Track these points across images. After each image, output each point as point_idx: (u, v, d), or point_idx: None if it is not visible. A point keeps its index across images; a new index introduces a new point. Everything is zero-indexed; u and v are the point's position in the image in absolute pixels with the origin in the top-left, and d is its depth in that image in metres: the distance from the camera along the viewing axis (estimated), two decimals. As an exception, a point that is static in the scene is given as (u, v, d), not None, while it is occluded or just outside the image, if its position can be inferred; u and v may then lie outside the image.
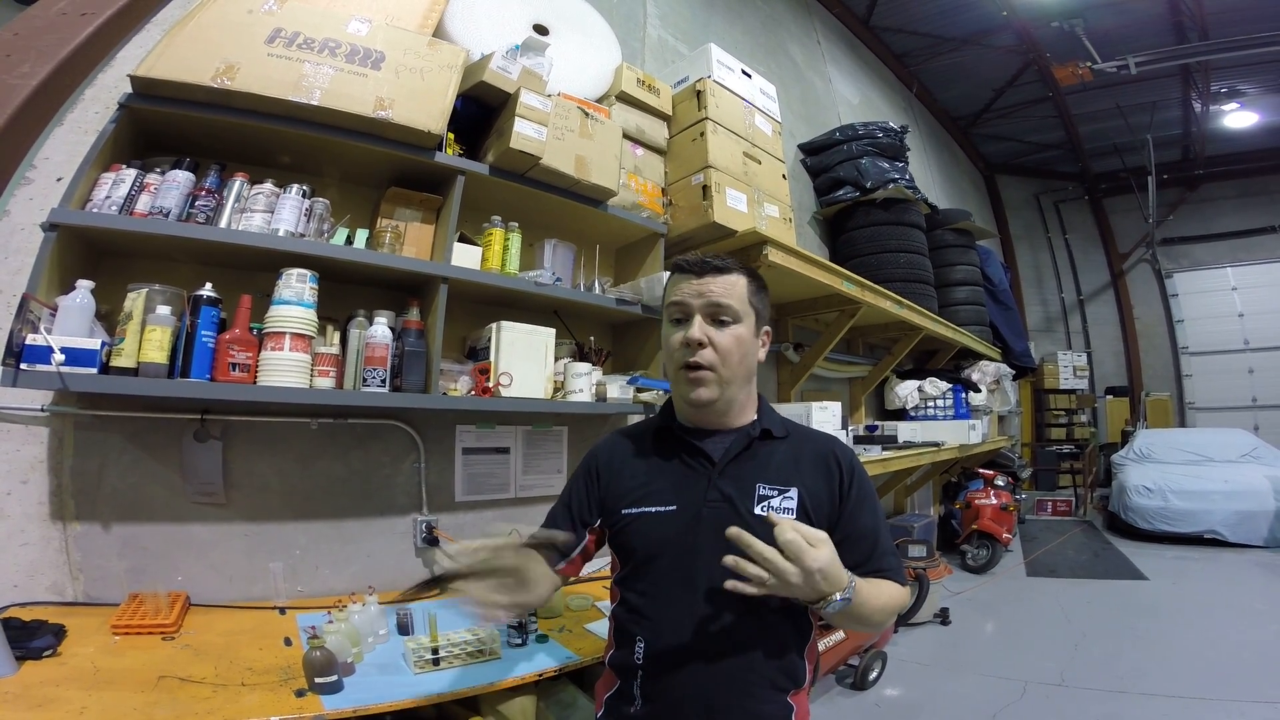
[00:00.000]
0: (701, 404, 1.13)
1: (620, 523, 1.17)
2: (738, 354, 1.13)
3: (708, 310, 1.12)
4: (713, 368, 1.11)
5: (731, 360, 1.12)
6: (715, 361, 1.11)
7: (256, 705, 1.29)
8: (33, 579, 1.66)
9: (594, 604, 2.08)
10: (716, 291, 1.12)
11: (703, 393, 1.12)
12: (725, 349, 1.12)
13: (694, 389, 1.12)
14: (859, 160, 4.76)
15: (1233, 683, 3.10)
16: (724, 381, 1.12)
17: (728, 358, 1.12)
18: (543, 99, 2.18)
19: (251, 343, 1.67)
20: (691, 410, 1.17)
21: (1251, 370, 9.72)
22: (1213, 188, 10.18)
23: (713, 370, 1.11)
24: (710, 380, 1.11)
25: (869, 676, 3.17)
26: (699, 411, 1.16)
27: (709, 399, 1.12)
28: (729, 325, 1.13)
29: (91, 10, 1.80)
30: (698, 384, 1.12)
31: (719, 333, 1.12)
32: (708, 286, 1.13)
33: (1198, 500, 6.23)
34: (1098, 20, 6.95)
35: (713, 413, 1.17)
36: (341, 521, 2.14)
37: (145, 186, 1.66)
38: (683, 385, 1.13)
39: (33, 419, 1.69)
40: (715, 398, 1.13)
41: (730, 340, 1.12)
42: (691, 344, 1.11)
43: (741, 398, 1.18)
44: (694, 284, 1.14)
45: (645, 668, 1.10)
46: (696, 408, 1.15)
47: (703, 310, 1.12)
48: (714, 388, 1.12)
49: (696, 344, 1.10)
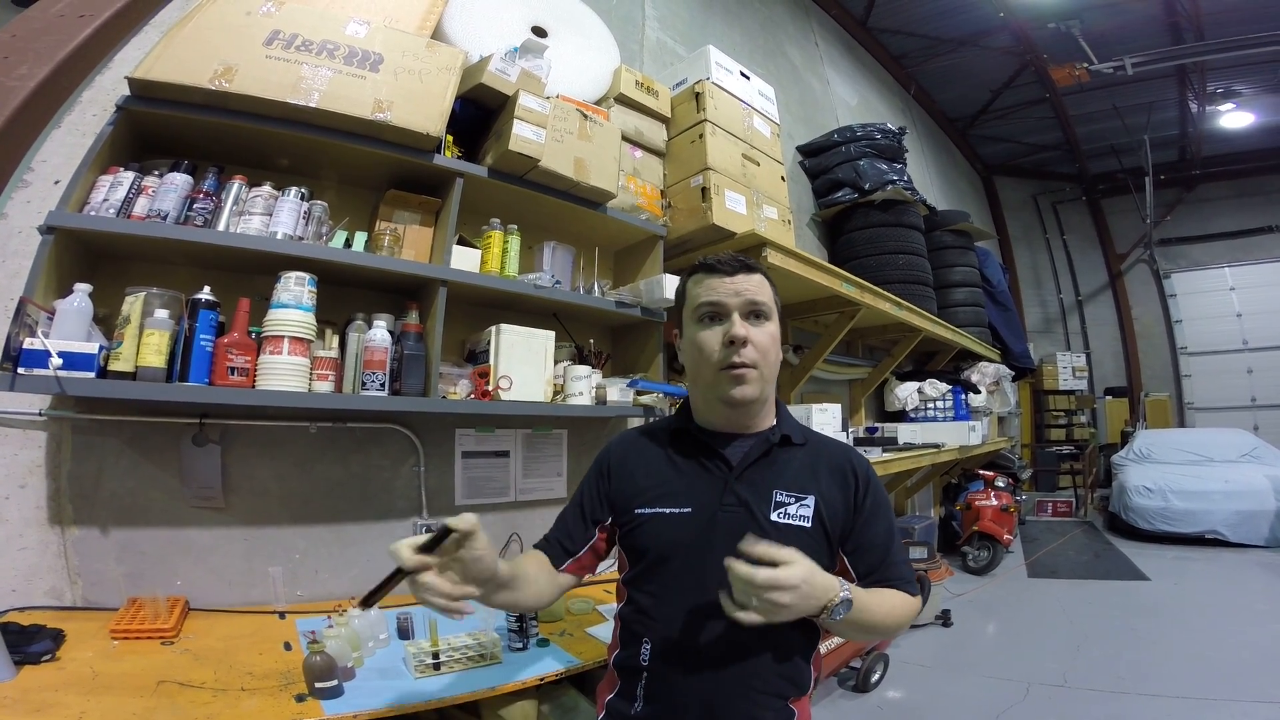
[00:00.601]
0: (746, 402, 1.12)
1: (633, 522, 1.16)
2: (774, 351, 1.14)
3: (746, 308, 1.11)
4: (755, 365, 1.10)
5: (771, 357, 1.13)
6: (758, 359, 1.10)
7: (256, 710, 1.28)
8: (31, 583, 1.65)
9: (595, 608, 2.07)
10: (752, 289, 1.12)
11: (748, 390, 1.10)
12: (764, 346, 1.11)
13: (738, 387, 1.10)
14: (857, 162, 4.76)
15: (1235, 683, 3.09)
16: (765, 379, 1.12)
17: (767, 354, 1.12)
18: (541, 101, 2.17)
19: (250, 346, 1.66)
20: (726, 410, 1.15)
21: (1250, 370, 9.73)
22: (1210, 188, 10.21)
23: (755, 368, 1.10)
24: (754, 378, 1.10)
25: (871, 679, 3.16)
26: (733, 412, 1.15)
27: (753, 396, 1.11)
28: (765, 323, 1.13)
29: (89, 12, 1.80)
30: (741, 382, 1.10)
31: (757, 330, 1.11)
32: (742, 284, 1.12)
33: (1198, 500, 6.23)
34: (1094, 21, 6.98)
35: (746, 413, 1.15)
36: (341, 525, 2.13)
37: (143, 189, 1.65)
38: (724, 385, 1.11)
39: (30, 423, 1.68)
40: (758, 395, 1.12)
41: (768, 338, 1.12)
42: (738, 341, 1.09)
43: (769, 398, 1.18)
44: (729, 283, 1.12)
45: (650, 669, 1.09)
46: (737, 407, 1.13)
47: (741, 308, 1.11)
48: (757, 385, 1.11)
49: (743, 341, 1.09)
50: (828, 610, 0.95)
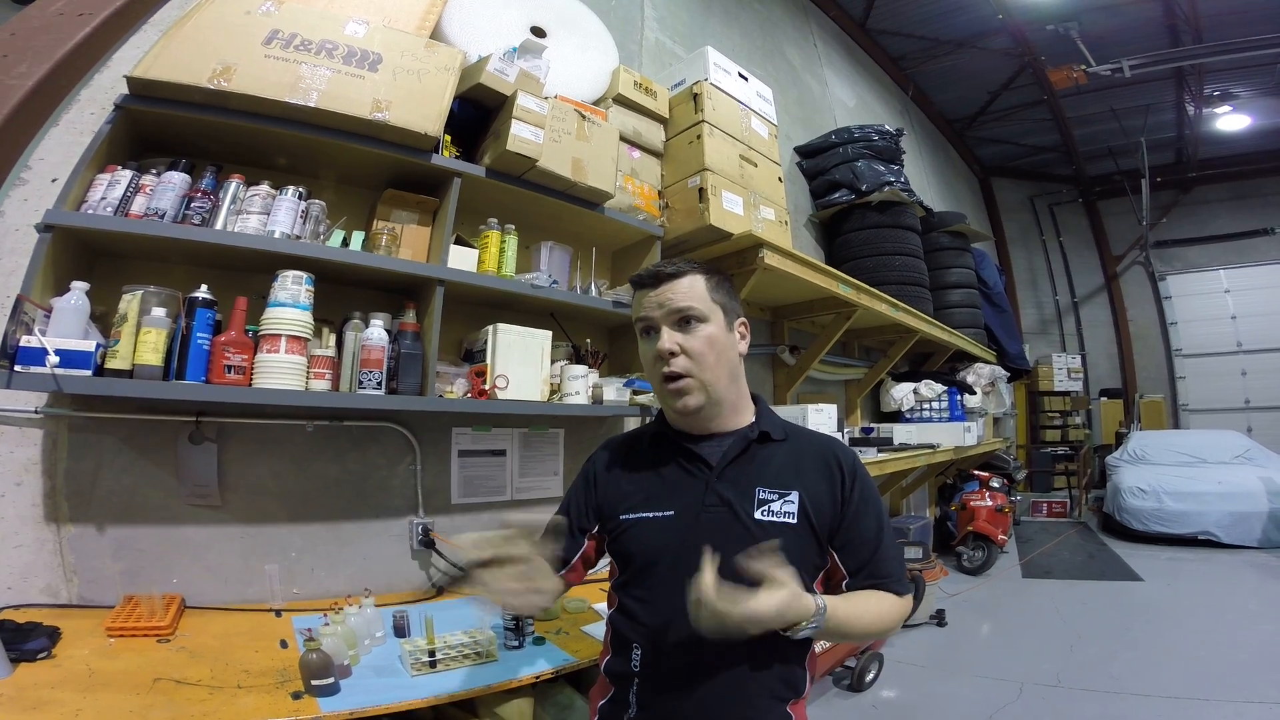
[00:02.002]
0: (689, 412, 1.13)
1: (618, 529, 1.16)
2: (712, 354, 1.12)
3: (671, 318, 1.12)
4: (690, 374, 1.10)
5: (707, 361, 1.11)
6: (691, 367, 1.10)
7: (252, 708, 1.28)
8: (27, 581, 1.65)
9: (591, 606, 2.08)
10: (675, 297, 1.12)
11: (688, 401, 1.11)
12: (698, 352, 1.11)
13: (678, 399, 1.11)
14: (855, 163, 4.77)
15: (1227, 683, 3.11)
16: (706, 384, 1.12)
17: (703, 360, 1.11)
18: (540, 101, 2.18)
19: (247, 345, 1.66)
20: (682, 419, 1.17)
21: (1244, 372, 9.76)
22: (1206, 190, 10.23)
23: (691, 376, 1.10)
24: (692, 387, 1.11)
25: (866, 678, 3.17)
26: (690, 418, 1.16)
27: (695, 406, 1.12)
28: (697, 327, 1.12)
29: (88, 11, 1.80)
30: (680, 394, 1.11)
31: (688, 337, 1.11)
32: (665, 295, 1.12)
33: (1192, 501, 6.27)
34: (1093, 23, 6.99)
35: (703, 417, 1.16)
36: (337, 524, 2.13)
37: (141, 188, 1.66)
38: (666, 398, 1.13)
39: (27, 421, 1.69)
40: (701, 403, 1.12)
41: (701, 342, 1.11)
42: (664, 355, 1.10)
43: (731, 397, 1.17)
44: (652, 295, 1.13)
45: (642, 675, 1.09)
46: (684, 416, 1.15)
47: (666, 319, 1.12)
48: (698, 394, 1.11)
49: (669, 354, 1.10)
50: (794, 629, 0.96)
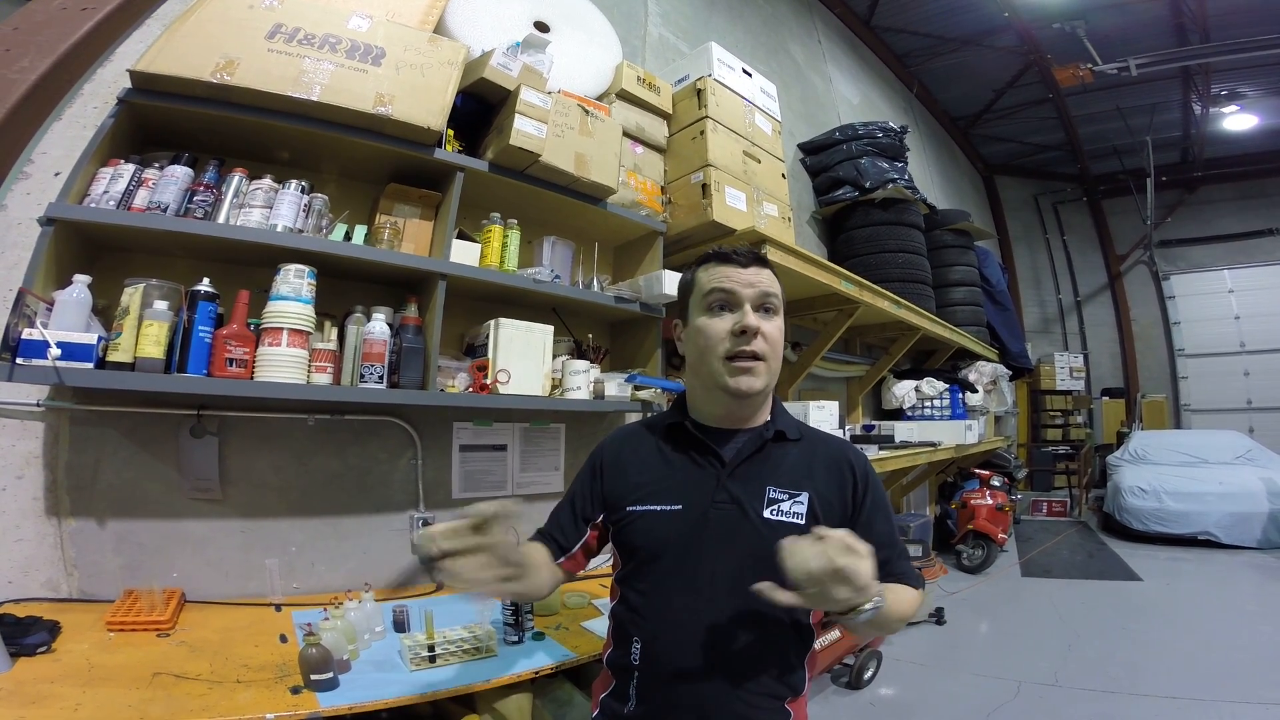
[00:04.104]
0: (750, 393, 1.10)
1: (624, 519, 1.15)
2: (782, 345, 1.14)
3: (759, 300, 1.11)
4: (764, 357, 1.10)
5: (778, 350, 1.13)
6: (767, 351, 1.10)
7: (252, 702, 1.29)
8: (27, 575, 1.66)
9: (591, 602, 2.08)
10: (765, 281, 1.12)
11: (754, 382, 1.09)
12: (774, 339, 1.11)
13: (742, 377, 1.08)
14: (858, 160, 4.76)
15: (1225, 683, 3.11)
16: (771, 372, 1.12)
17: (776, 347, 1.12)
18: (543, 96, 2.17)
19: (249, 338, 1.66)
20: (728, 401, 1.13)
21: (1247, 373, 9.74)
22: (1211, 190, 10.19)
23: (764, 360, 1.10)
24: (761, 370, 1.10)
25: (864, 676, 3.18)
26: (734, 404, 1.13)
27: (759, 388, 1.10)
28: (774, 317, 1.13)
29: (91, 5, 1.79)
30: (747, 373, 1.09)
31: (767, 323, 1.11)
32: (756, 276, 1.12)
33: (1192, 502, 6.25)
34: (1099, 22, 6.95)
35: (747, 405, 1.15)
36: (338, 518, 2.14)
37: (143, 181, 1.66)
38: (726, 375, 1.09)
39: (28, 414, 1.69)
40: (764, 387, 1.11)
41: (777, 331, 1.12)
42: (750, 331, 1.08)
43: (768, 393, 1.18)
44: (744, 274, 1.11)
45: (641, 668, 1.08)
46: (741, 398, 1.11)
47: (754, 300, 1.10)
48: (763, 377, 1.10)
49: (755, 332, 1.08)
50: (856, 610, 0.89)
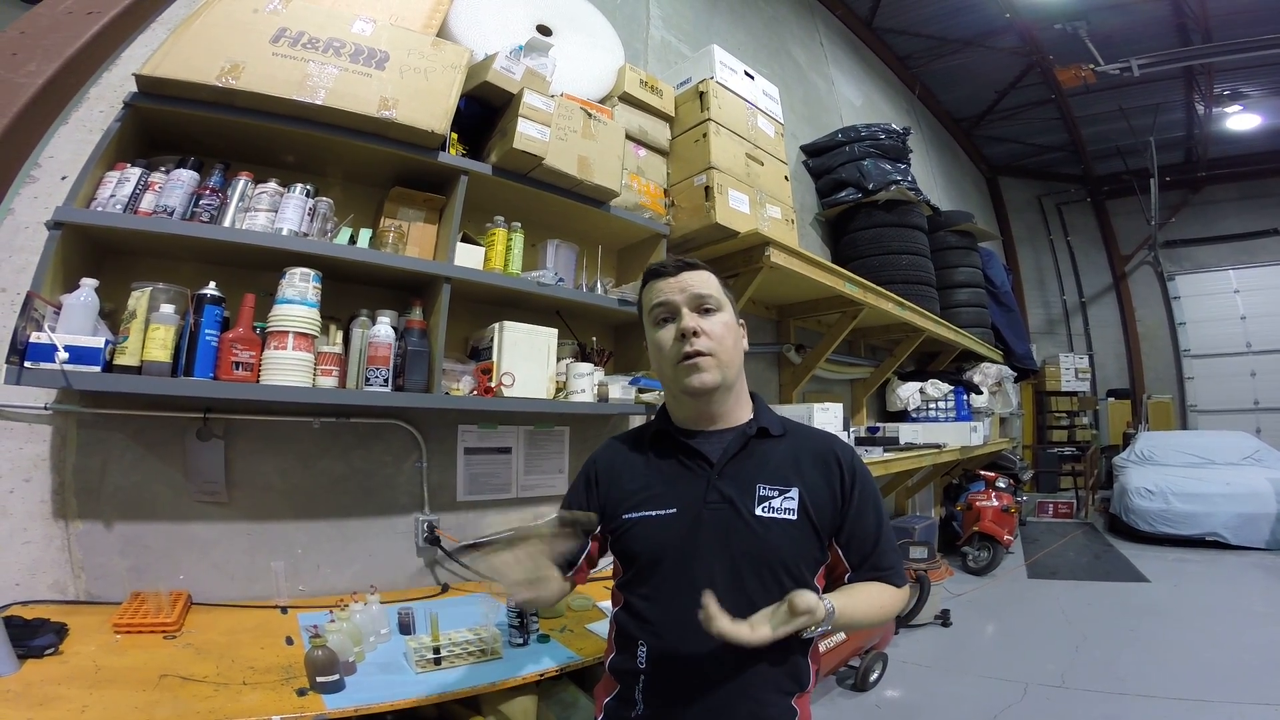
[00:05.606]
0: (706, 389, 1.13)
1: (621, 527, 1.17)
2: (730, 339, 1.16)
3: (693, 302, 1.15)
4: (711, 353, 1.12)
5: (727, 344, 1.15)
6: (713, 347, 1.12)
7: (258, 704, 1.29)
8: (35, 577, 1.66)
9: (595, 604, 2.08)
10: (695, 284, 1.16)
11: (705, 377, 1.12)
12: (718, 334, 1.14)
13: (694, 376, 1.12)
14: (861, 162, 4.75)
15: (1233, 685, 3.09)
16: (724, 364, 1.14)
17: (722, 341, 1.14)
18: (546, 99, 2.18)
19: (255, 341, 1.67)
20: (693, 404, 1.17)
21: (1254, 373, 9.70)
22: (1215, 190, 10.17)
23: (712, 355, 1.12)
24: (710, 365, 1.12)
25: (870, 678, 3.17)
26: (700, 403, 1.16)
27: (713, 384, 1.12)
28: (715, 314, 1.16)
29: (97, 9, 1.81)
30: (698, 370, 1.12)
31: (708, 321, 1.14)
32: (685, 281, 1.16)
33: (1199, 503, 6.22)
34: (1101, 22, 6.95)
35: (714, 403, 1.17)
36: (343, 521, 2.14)
37: (150, 185, 1.66)
38: (683, 377, 1.13)
39: (36, 417, 1.70)
40: (718, 382, 1.13)
41: (720, 326, 1.15)
42: (688, 333, 1.11)
43: (737, 388, 1.19)
44: (671, 282, 1.16)
45: (649, 672, 1.09)
46: (700, 395, 1.14)
47: (688, 303, 1.15)
48: (714, 371, 1.12)
49: (692, 332, 1.11)
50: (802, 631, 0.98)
